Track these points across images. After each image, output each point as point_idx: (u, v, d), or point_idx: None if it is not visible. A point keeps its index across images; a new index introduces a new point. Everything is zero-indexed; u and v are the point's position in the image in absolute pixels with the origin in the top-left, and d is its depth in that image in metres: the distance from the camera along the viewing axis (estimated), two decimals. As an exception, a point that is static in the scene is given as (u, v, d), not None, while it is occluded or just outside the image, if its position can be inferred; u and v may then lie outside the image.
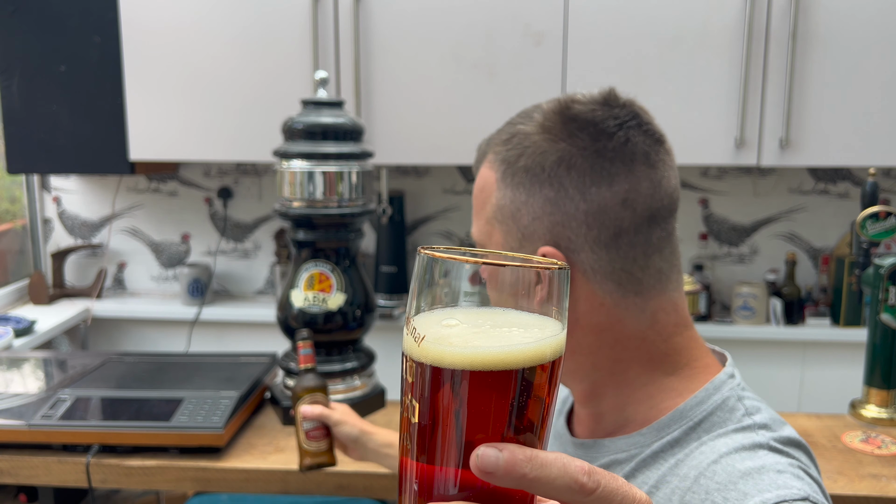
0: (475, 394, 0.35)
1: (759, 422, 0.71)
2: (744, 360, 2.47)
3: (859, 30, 2.08)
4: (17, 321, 2.32)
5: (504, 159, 0.77)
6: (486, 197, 0.78)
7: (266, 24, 2.23)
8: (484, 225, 0.78)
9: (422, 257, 0.38)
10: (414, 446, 0.37)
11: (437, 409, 0.36)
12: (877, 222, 1.52)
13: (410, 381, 0.37)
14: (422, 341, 0.36)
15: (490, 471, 0.34)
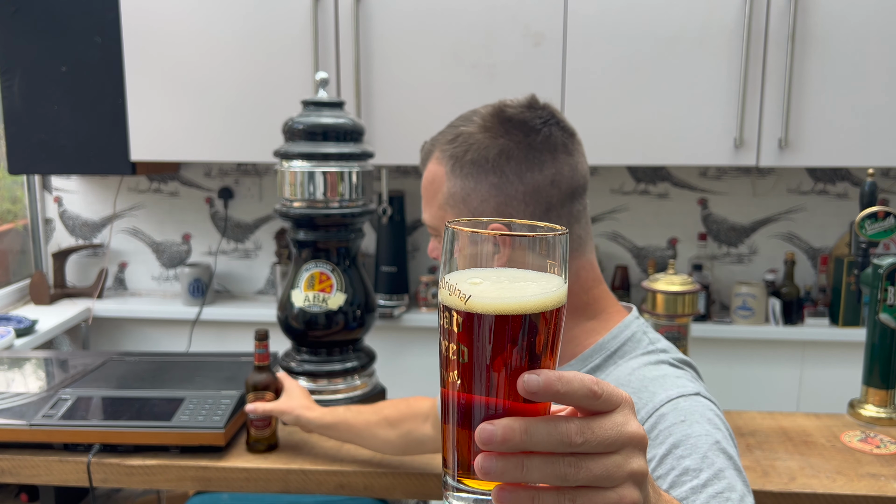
0: (504, 335, 0.47)
1: (660, 347, 0.92)
2: (743, 359, 2.48)
3: (858, 30, 2.09)
4: (18, 321, 2.32)
5: (452, 155, 0.94)
6: (436, 188, 0.95)
7: (267, 25, 2.24)
8: (437, 210, 0.95)
9: (448, 230, 0.50)
10: (465, 380, 0.48)
11: (484, 349, 0.47)
12: (875, 222, 1.52)
13: (458, 330, 0.48)
14: (468, 300, 0.47)
15: (534, 391, 0.45)
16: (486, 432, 0.45)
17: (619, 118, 2.18)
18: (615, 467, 0.47)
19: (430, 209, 0.96)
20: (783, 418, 1.52)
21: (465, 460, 0.49)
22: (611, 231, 2.67)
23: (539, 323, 0.47)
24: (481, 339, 0.47)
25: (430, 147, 0.97)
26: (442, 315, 0.49)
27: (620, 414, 0.48)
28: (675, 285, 1.51)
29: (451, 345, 0.48)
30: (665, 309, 1.51)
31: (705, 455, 0.75)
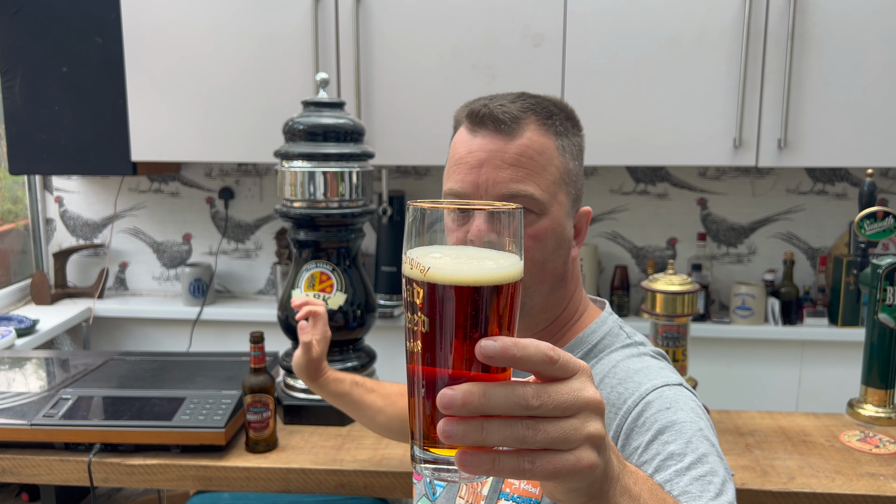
0: (462, 305, 0.50)
1: (637, 340, 0.96)
2: (742, 359, 2.48)
3: (857, 31, 2.09)
4: (19, 321, 2.33)
5: (556, 132, 0.94)
6: (547, 160, 0.92)
7: (267, 25, 2.24)
8: (550, 185, 0.92)
9: (411, 208, 0.53)
10: (426, 350, 0.51)
11: (443, 318, 0.50)
12: (874, 222, 1.53)
13: (419, 301, 0.51)
14: (427, 271, 0.50)
15: (490, 355, 0.47)
16: (447, 397, 0.47)
17: (619, 118, 2.19)
18: (572, 430, 0.48)
19: (541, 182, 0.91)
20: (782, 418, 1.53)
21: (429, 430, 0.51)
22: (610, 231, 2.68)
23: (495, 296, 0.50)
24: (440, 308, 0.50)
25: (517, 112, 0.92)
26: (405, 289, 0.52)
27: (577, 380, 0.50)
28: (674, 285, 1.52)
29: (413, 316, 0.51)
30: (664, 309, 1.51)
31: (689, 440, 0.77)
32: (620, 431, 0.83)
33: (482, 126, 0.92)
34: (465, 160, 0.91)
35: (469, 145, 0.92)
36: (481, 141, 0.91)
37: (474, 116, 0.92)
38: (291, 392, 1.60)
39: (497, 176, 0.89)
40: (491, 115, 0.91)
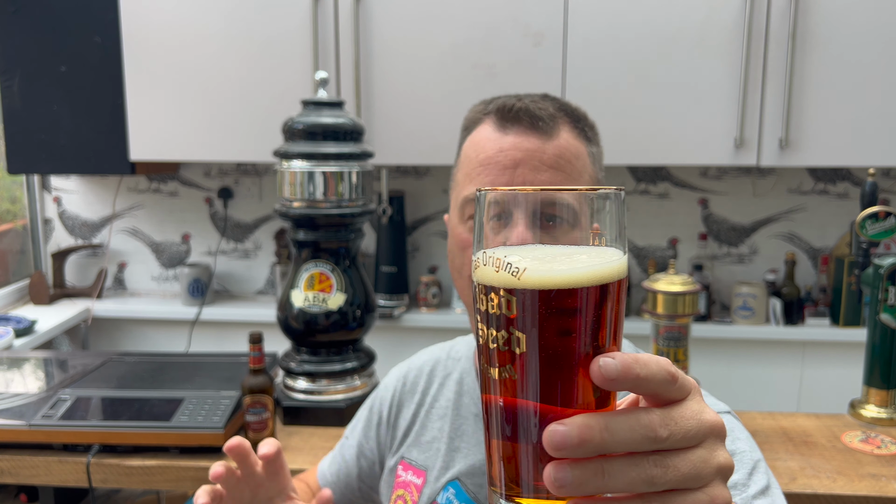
0: (569, 314, 0.40)
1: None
2: (743, 359, 2.48)
3: (859, 30, 2.09)
4: (17, 321, 2.32)
5: (587, 138, 0.87)
6: (583, 166, 0.85)
7: (266, 24, 2.24)
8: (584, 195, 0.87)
9: (488, 196, 0.43)
10: (523, 376, 0.40)
11: (544, 333, 0.40)
12: (876, 222, 1.52)
13: (512, 314, 0.40)
14: (522, 273, 0.40)
15: (613, 377, 0.38)
16: (559, 434, 0.37)
17: (620, 118, 2.18)
18: (702, 463, 0.40)
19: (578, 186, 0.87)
20: (784, 418, 1.52)
21: (521, 475, 0.41)
22: (611, 231, 2.67)
23: (607, 300, 0.41)
24: (543, 322, 0.40)
25: (553, 111, 0.86)
26: (483, 300, 0.42)
27: (694, 401, 0.42)
28: (675, 285, 1.51)
29: (499, 334, 0.41)
30: (665, 309, 1.51)
31: (752, 471, 0.72)
32: None
33: (516, 122, 0.83)
34: (496, 159, 0.82)
35: (500, 143, 0.83)
36: (515, 139, 0.82)
37: (506, 111, 0.84)
38: (291, 393, 1.60)
39: (535, 179, 0.80)
40: (527, 110, 0.83)
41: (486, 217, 0.44)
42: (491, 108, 0.86)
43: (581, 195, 0.43)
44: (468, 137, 0.88)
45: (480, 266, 0.42)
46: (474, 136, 0.87)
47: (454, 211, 0.88)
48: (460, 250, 0.86)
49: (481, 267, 0.42)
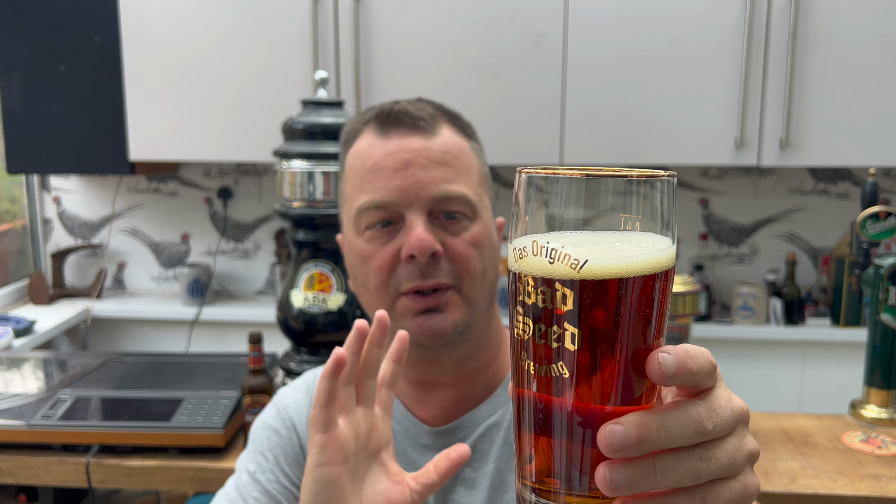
0: (629, 307, 0.38)
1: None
2: (744, 359, 2.48)
3: (859, 30, 2.08)
4: (16, 321, 2.32)
5: (466, 134, 0.87)
6: (469, 161, 0.85)
7: (266, 24, 2.23)
8: (476, 187, 0.84)
9: (541, 178, 0.40)
10: (578, 374, 0.38)
11: (607, 328, 0.38)
12: (877, 222, 1.52)
13: (568, 308, 0.38)
14: (582, 266, 0.37)
15: (672, 373, 0.38)
16: (619, 435, 0.37)
17: (620, 117, 2.18)
18: (736, 451, 0.41)
19: (469, 183, 0.83)
20: (784, 419, 1.52)
21: (564, 472, 0.40)
22: (611, 231, 2.67)
23: (657, 288, 0.39)
24: (603, 316, 0.38)
25: (431, 111, 0.86)
26: (532, 293, 0.39)
27: (722, 387, 0.42)
28: (675, 285, 1.51)
29: (550, 329, 0.38)
30: (666, 309, 1.51)
31: None
32: None
33: (397, 125, 0.83)
34: (384, 164, 0.80)
35: (385, 147, 0.81)
36: (399, 141, 0.81)
37: (385, 116, 0.83)
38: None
39: (427, 176, 0.80)
40: (405, 112, 0.83)
41: (527, 201, 0.40)
42: (368, 117, 0.86)
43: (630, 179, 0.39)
44: (350, 150, 0.87)
45: (528, 256, 0.39)
46: (357, 146, 0.85)
47: (348, 225, 0.85)
48: (362, 263, 0.83)
49: (529, 257, 0.39)
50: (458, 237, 0.81)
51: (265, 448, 0.87)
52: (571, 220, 0.39)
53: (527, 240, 0.39)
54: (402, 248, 0.79)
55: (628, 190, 0.39)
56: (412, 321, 0.80)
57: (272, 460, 0.87)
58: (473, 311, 0.82)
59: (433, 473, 0.65)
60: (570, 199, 0.39)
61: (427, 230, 0.78)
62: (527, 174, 0.40)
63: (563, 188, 0.39)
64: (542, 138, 2.22)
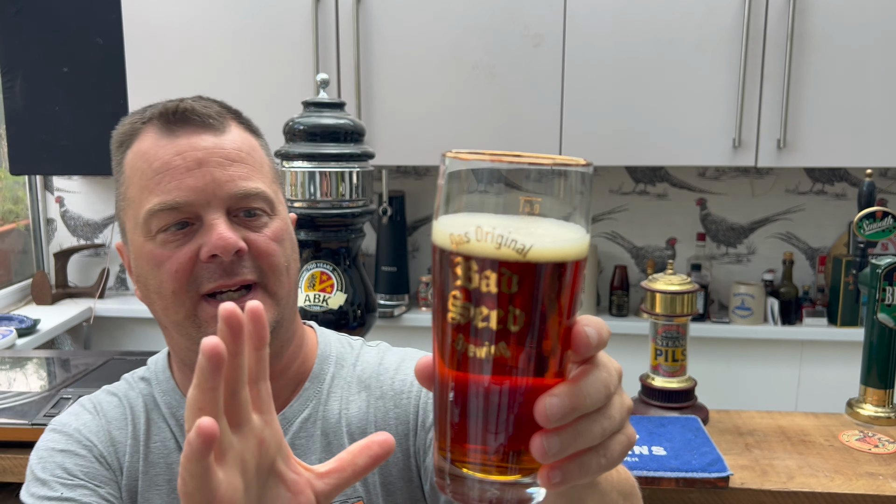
0: (562, 288, 0.41)
1: (358, 339, 0.94)
2: (741, 359, 2.49)
3: (856, 31, 2.09)
4: (20, 321, 2.33)
5: (253, 131, 0.88)
6: (261, 158, 0.84)
7: (267, 26, 2.25)
8: (271, 184, 0.83)
9: (450, 161, 0.41)
10: (519, 353, 0.40)
11: (547, 308, 0.40)
12: (874, 222, 1.53)
13: (514, 290, 0.39)
14: (528, 250, 0.39)
15: (596, 343, 0.42)
16: (556, 406, 0.40)
17: (618, 118, 2.19)
18: (622, 407, 0.45)
19: (265, 180, 0.82)
20: (781, 418, 1.53)
21: (505, 454, 0.42)
22: (610, 231, 2.68)
23: (579, 271, 0.42)
24: (544, 296, 0.40)
25: (218, 108, 0.85)
26: (475, 277, 0.40)
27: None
28: (673, 285, 1.52)
29: (492, 311, 0.40)
30: (663, 309, 1.51)
31: None
32: (419, 408, 0.84)
33: (185, 123, 0.79)
34: (175, 163, 0.76)
35: (174, 147, 0.77)
36: (189, 140, 0.78)
37: (171, 115, 0.79)
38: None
39: (224, 174, 0.77)
40: (193, 110, 0.80)
41: (454, 185, 0.42)
42: (149, 116, 0.81)
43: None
44: (129, 151, 0.82)
45: (472, 241, 0.40)
46: (138, 147, 0.81)
47: (136, 230, 0.79)
48: (156, 268, 0.79)
49: (472, 242, 0.40)
50: (260, 233, 0.79)
51: (67, 470, 0.81)
52: (496, 205, 0.41)
53: (468, 225, 0.40)
54: (201, 249, 0.75)
55: (550, 178, 0.41)
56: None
57: (82, 478, 0.81)
58: (282, 307, 0.80)
59: (348, 471, 0.56)
60: (495, 184, 0.41)
61: (229, 228, 0.76)
62: (452, 158, 0.41)
63: (488, 174, 0.41)
64: (540, 140, 2.23)
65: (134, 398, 0.88)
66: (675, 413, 1.44)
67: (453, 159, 0.41)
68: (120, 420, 0.86)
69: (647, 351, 1.51)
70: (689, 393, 1.47)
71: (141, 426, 0.85)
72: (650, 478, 1.20)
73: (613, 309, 2.58)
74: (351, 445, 0.56)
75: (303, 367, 0.88)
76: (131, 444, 0.84)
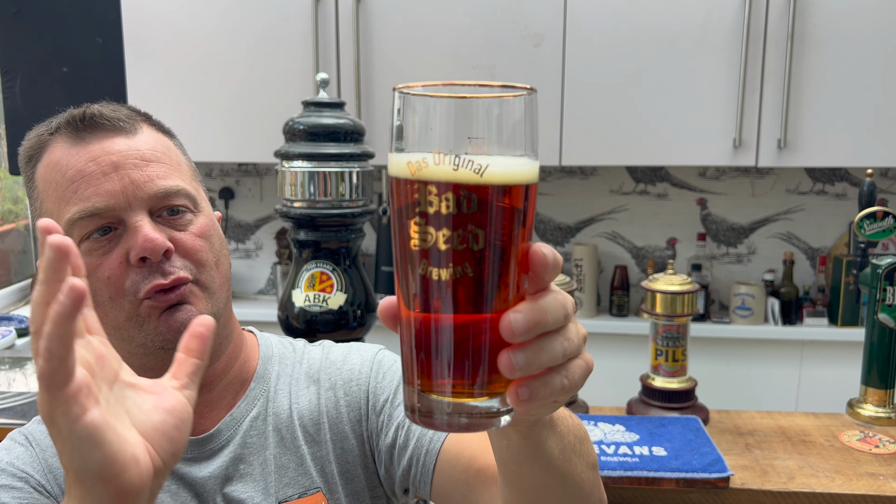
0: (520, 207, 0.43)
1: (311, 341, 0.97)
2: (741, 359, 2.49)
3: (857, 31, 2.09)
4: (19, 321, 2.33)
5: (165, 131, 0.89)
6: (176, 156, 0.85)
7: (268, 26, 2.24)
8: (191, 181, 0.84)
9: (401, 95, 0.43)
10: (480, 272, 0.42)
11: (501, 228, 0.42)
12: (874, 222, 1.53)
13: (473, 210, 0.41)
14: (485, 170, 0.41)
15: (551, 263, 0.44)
16: (521, 322, 0.42)
17: (619, 118, 2.19)
18: (578, 332, 0.47)
19: (184, 178, 0.82)
20: (782, 418, 1.53)
21: (473, 374, 0.44)
22: (610, 231, 2.68)
23: (534, 194, 0.44)
24: (498, 216, 0.42)
25: (127, 111, 0.85)
26: (435, 200, 0.41)
27: None
28: (673, 285, 1.52)
29: (454, 233, 0.42)
30: (664, 309, 1.51)
31: None
32: (368, 394, 0.87)
33: (95, 129, 0.78)
34: (89, 170, 0.75)
35: (87, 153, 0.76)
36: (101, 145, 0.77)
37: (79, 122, 0.78)
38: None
39: (141, 175, 0.76)
40: (102, 115, 0.79)
41: (412, 119, 0.43)
42: (55, 127, 0.80)
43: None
44: (39, 165, 0.80)
45: (430, 166, 0.41)
46: (48, 159, 0.79)
47: None
48: (86, 277, 0.76)
49: (430, 167, 0.41)
50: (185, 231, 0.79)
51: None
52: (447, 136, 0.42)
53: (424, 153, 0.42)
54: (129, 253, 0.75)
55: (497, 107, 0.42)
56: (158, 322, 0.76)
57: None
58: (215, 301, 0.81)
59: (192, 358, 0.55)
60: (446, 117, 0.42)
61: (154, 229, 0.76)
62: (402, 92, 0.43)
63: (438, 106, 0.42)
64: (541, 139, 2.23)
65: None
66: (675, 413, 1.44)
67: (403, 94, 0.43)
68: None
69: (648, 351, 1.51)
70: (689, 393, 1.47)
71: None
72: (650, 478, 1.20)
73: (614, 309, 2.58)
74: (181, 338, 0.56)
75: (245, 368, 0.90)
76: None
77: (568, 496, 0.62)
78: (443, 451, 0.80)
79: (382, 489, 0.88)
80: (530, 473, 0.58)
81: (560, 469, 0.59)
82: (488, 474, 0.74)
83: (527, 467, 0.58)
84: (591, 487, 0.65)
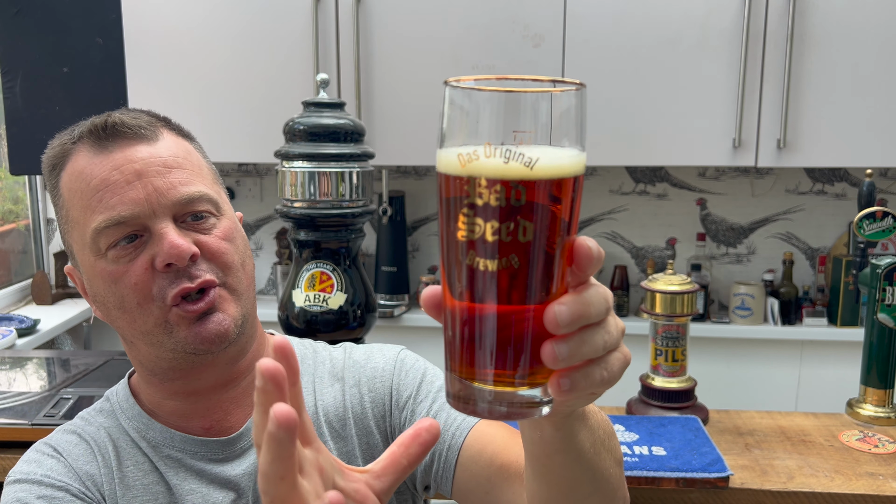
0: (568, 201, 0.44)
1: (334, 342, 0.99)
2: (741, 359, 2.49)
3: (856, 31, 2.10)
4: (20, 321, 2.33)
5: (185, 135, 0.89)
6: (198, 161, 0.85)
7: (267, 26, 2.25)
8: (213, 185, 0.85)
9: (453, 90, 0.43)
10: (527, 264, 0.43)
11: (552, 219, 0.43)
12: (874, 222, 1.53)
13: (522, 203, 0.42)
14: (535, 163, 0.42)
15: (595, 256, 0.44)
16: (565, 313, 0.43)
17: (618, 118, 2.19)
18: (615, 325, 0.48)
19: (206, 182, 0.83)
20: (781, 418, 1.53)
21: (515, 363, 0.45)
22: (610, 231, 2.68)
23: (581, 187, 0.45)
24: (548, 209, 0.43)
25: (147, 118, 0.86)
26: (485, 193, 0.42)
27: None
28: (673, 285, 1.52)
29: (503, 225, 0.42)
30: (663, 309, 1.52)
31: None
32: (392, 390, 0.89)
33: (117, 138, 0.79)
34: (113, 179, 0.76)
35: (111, 162, 0.77)
36: (124, 153, 0.78)
37: (101, 131, 0.79)
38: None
39: (164, 182, 0.78)
40: (123, 123, 0.80)
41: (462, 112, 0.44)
42: (78, 135, 0.81)
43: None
44: (63, 174, 0.80)
45: (480, 159, 0.42)
46: (72, 168, 0.79)
47: (85, 250, 0.79)
48: (113, 284, 0.78)
49: (481, 160, 0.42)
50: (210, 235, 0.80)
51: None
52: (497, 129, 0.43)
53: (475, 145, 0.42)
54: (155, 259, 0.76)
55: (549, 102, 0.43)
56: (189, 330, 0.77)
57: None
58: (244, 302, 0.82)
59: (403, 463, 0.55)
60: (497, 110, 0.43)
61: (179, 235, 0.77)
62: (453, 87, 0.43)
63: (491, 101, 0.43)
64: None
65: (94, 432, 0.86)
66: (675, 413, 1.44)
67: (454, 87, 0.43)
68: (85, 455, 0.84)
69: (647, 351, 1.51)
70: (689, 393, 1.47)
71: (110, 455, 0.83)
72: (650, 478, 1.20)
73: (613, 309, 2.58)
74: (399, 436, 0.57)
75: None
76: (105, 473, 0.83)
77: (596, 490, 0.62)
78: (465, 447, 0.81)
79: (406, 485, 0.89)
80: (561, 466, 0.59)
81: (590, 462, 0.60)
82: (511, 471, 0.74)
83: (558, 460, 0.59)
84: (618, 483, 0.66)
